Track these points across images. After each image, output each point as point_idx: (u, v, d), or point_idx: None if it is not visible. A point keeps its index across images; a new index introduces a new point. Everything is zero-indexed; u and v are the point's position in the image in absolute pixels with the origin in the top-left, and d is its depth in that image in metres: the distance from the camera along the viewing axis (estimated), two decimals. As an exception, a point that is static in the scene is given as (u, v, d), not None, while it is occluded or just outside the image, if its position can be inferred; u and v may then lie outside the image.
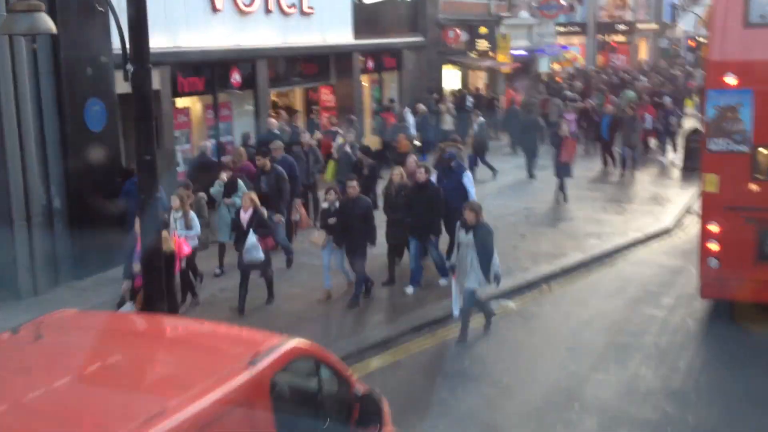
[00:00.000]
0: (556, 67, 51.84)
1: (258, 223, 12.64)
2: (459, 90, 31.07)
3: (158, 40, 15.63)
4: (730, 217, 11.89)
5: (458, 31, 29.38)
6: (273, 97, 23.55)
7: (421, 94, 27.96)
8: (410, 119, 25.12)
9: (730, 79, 11.52)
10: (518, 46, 37.49)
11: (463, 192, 14.18)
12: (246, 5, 18.64)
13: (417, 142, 23.49)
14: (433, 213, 13.63)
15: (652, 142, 27.39)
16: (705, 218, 12.30)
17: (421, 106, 26.31)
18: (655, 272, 15.36)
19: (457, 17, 30.93)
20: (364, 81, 25.80)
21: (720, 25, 11.78)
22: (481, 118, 24.45)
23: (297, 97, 24.39)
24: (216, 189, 14.38)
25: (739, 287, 11.94)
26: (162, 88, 15.84)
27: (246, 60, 18.91)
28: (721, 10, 11.82)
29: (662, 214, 19.50)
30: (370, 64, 25.18)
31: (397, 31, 26.59)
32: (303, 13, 21.03)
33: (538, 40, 40.64)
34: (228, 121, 19.02)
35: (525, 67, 39.69)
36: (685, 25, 63.95)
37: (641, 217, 19.26)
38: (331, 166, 17.79)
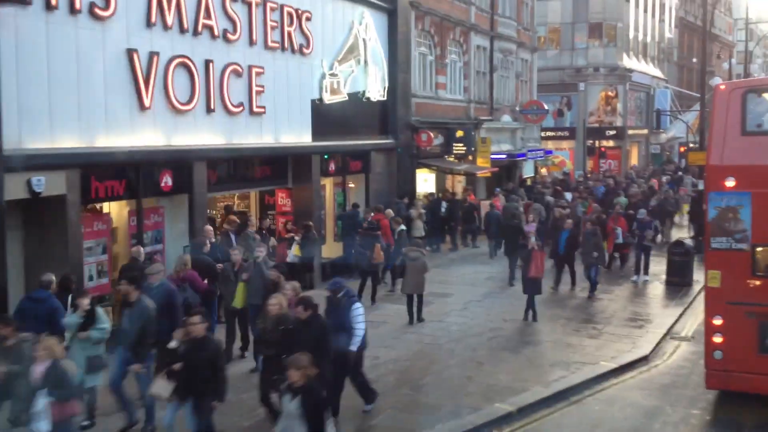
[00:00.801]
0: (544, 171, 50.53)
1: (55, 382, 9.22)
2: (430, 194, 29.17)
3: (66, 141, 13.91)
4: (732, 311, 12.48)
5: (431, 134, 27.70)
6: (226, 202, 21.76)
7: (390, 199, 26.12)
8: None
9: (730, 182, 12.38)
10: (501, 151, 35.89)
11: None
12: (182, 103, 16.87)
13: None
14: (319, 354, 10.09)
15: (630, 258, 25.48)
16: (709, 312, 13.01)
17: (389, 212, 24.43)
18: (627, 414, 13.09)
19: (432, 119, 29.34)
20: (327, 184, 23.97)
21: (719, 132, 12.67)
22: (403, 227, 22.59)
23: (252, 201, 22.51)
24: (71, 320, 11.52)
25: (742, 379, 12.52)
26: (68, 194, 13.87)
27: (179, 161, 17.01)
28: (720, 120, 12.70)
29: (640, 339, 17.32)
30: (333, 166, 23.34)
31: (365, 133, 24.90)
32: (253, 113, 19.30)
33: (522, 144, 39.04)
34: (158, 229, 17.01)
35: (508, 171, 38.06)
36: (676, 131, 62.87)
37: (617, 341, 17.08)
38: (240, 289, 14.85)
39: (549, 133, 56.89)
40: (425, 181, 31.13)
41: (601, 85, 56.73)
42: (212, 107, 17.80)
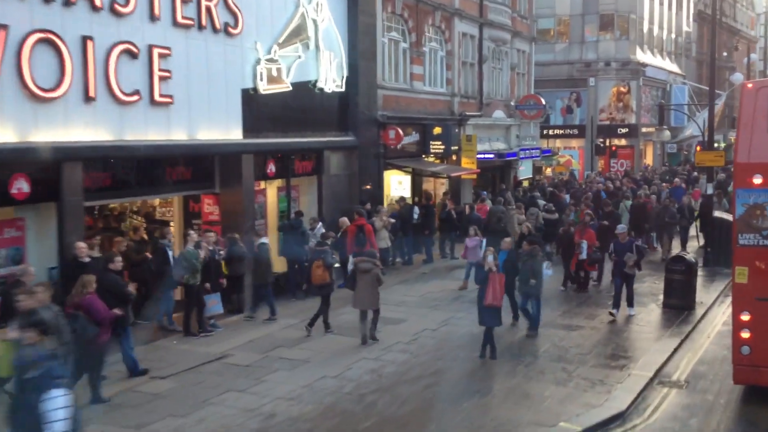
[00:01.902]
0: (548, 172, 46.74)
1: None
2: (401, 199, 25.56)
3: None
4: (760, 307, 12.55)
5: (399, 130, 24.09)
6: (145, 209, 18.36)
7: (350, 205, 22.57)
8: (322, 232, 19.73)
9: (757, 180, 12.41)
10: (491, 150, 32.20)
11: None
12: (44, 90, 13.41)
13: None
14: None
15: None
16: (736, 308, 13.05)
17: (345, 220, 20.89)
18: None
19: (405, 114, 25.72)
20: (270, 188, 20.46)
21: (747, 130, 12.67)
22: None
23: (175, 208, 19.07)
24: None
25: None
26: None
27: (41, 162, 13.54)
28: (747, 118, 12.65)
29: (619, 386, 13.68)
30: (273, 167, 19.78)
31: (317, 129, 21.37)
32: (154, 103, 15.82)
33: (518, 142, 35.30)
34: (17, 246, 13.55)
35: (501, 172, 34.36)
36: (694, 129, 58.79)
37: (588, 389, 13.44)
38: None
39: (557, 131, 53.41)
40: (400, 184, 27.53)
41: (612, 81, 52.98)
42: (92, 95, 14.32)
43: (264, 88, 18.97)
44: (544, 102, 35.69)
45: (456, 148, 29.63)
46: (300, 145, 20.69)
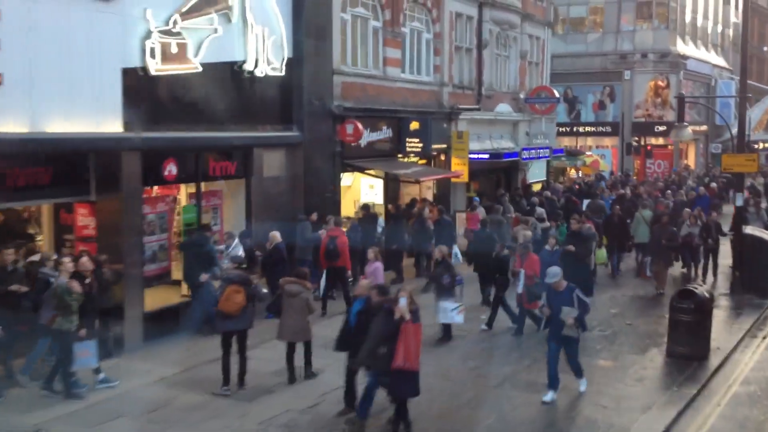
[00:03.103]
0: (573, 174, 42.00)
1: None
2: (363, 207, 21.19)
3: None
4: None
5: (359, 124, 19.75)
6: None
7: (293, 215, 18.39)
8: (240, 252, 15.59)
9: None
10: (495, 148, 27.72)
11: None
12: None
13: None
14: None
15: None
16: None
17: (276, 235, 16.71)
18: None
19: (373, 106, 21.38)
20: (181, 194, 16.36)
21: None
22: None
23: (44, 220, 15.06)
24: None
25: None
26: None
27: None
28: None
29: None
30: (173, 169, 15.58)
31: (245, 121, 17.20)
32: (-31, 82, 11.74)
33: (528, 140, 30.70)
34: None
35: (507, 175, 29.82)
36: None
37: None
38: None
39: (588, 129, 48.71)
40: (371, 188, 23.21)
41: (650, 74, 48.05)
42: None
43: (156, 68, 14.78)
44: (557, 95, 30.96)
45: (445, 146, 25.22)
46: (217, 142, 16.50)
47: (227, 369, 12.39)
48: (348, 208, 21.20)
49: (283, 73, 18.15)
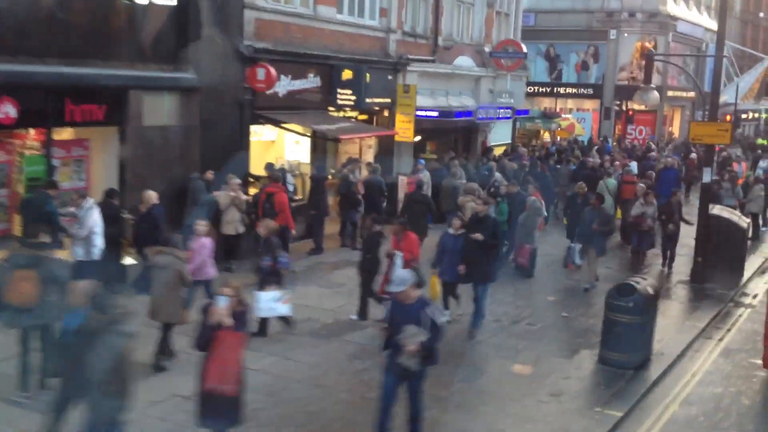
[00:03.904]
0: (546, 137, 39.10)
1: None
2: (268, 167, 18.25)
3: None
4: None
5: (272, 69, 16.78)
6: None
7: (182, 174, 15.55)
8: (90, 224, 12.73)
9: None
10: (455, 106, 24.77)
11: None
12: None
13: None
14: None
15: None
16: None
17: (152, 195, 13.87)
18: None
19: (297, 50, 18.39)
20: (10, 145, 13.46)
21: None
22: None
23: None
24: None
25: None
26: None
27: None
28: None
29: None
30: (12, 110, 12.60)
31: (122, 57, 14.23)
32: None
33: (490, 98, 27.70)
34: None
35: (467, 137, 26.90)
36: (729, 96, 50.38)
37: None
38: None
39: (569, 90, 45.72)
40: (297, 144, 20.31)
41: (637, 35, 44.93)
42: None
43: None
44: (525, 49, 27.88)
45: (389, 101, 22.27)
46: (76, 80, 13.51)
47: (26, 371, 9.62)
48: (259, 167, 18.30)
49: (175, 3, 15.13)
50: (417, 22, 23.79)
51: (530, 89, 45.89)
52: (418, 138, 26.07)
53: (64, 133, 13.91)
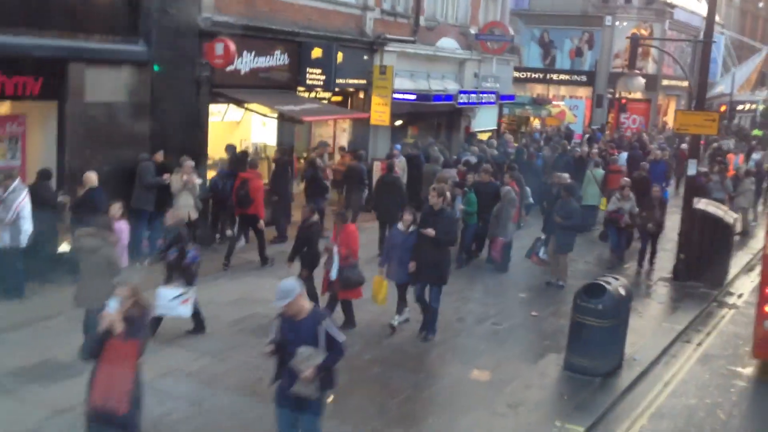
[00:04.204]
0: (536, 123, 37.96)
1: None
2: (229, 148, 17.16)
3: None
4: None
5: (231, 44, 15.63)
6: None
7: (131, 155, 14.44)
8: (16, 207, 11.65)
9: None
10: (434, 90, 23.63)
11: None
12: None
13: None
14: None
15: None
16: (765, 281, 11.71)
17: (92, 177, 12.79)
18: None
19: (261, 24, 17.24)
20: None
21: None
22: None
23: None
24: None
25: None
26: None
27: None
28: None
29: None
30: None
31: (63, 26, 13.10)
32: None
33: (475, 82, 26.57)
34: None
35: (449, 121, 25.78)
36: (726, 86, 49.27)
37: None
38: None
39: (563, 77, 44.62)
40: (264, 126, 19.19)
41: (633, 21, 43.86)
42: None
43: None
44: (512, 32, 26.72)
45: (364, 82, 21.15)
46: (6, 50, 12.35)
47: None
48: (221, 149, 17.20)
49: (124, -29, 14.00)
50: (398, 1, 22.63)
51: (523, 75, 45.00)
52: (399, 122, 25.10)
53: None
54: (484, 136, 27.42)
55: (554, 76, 44.64)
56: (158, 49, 14.73)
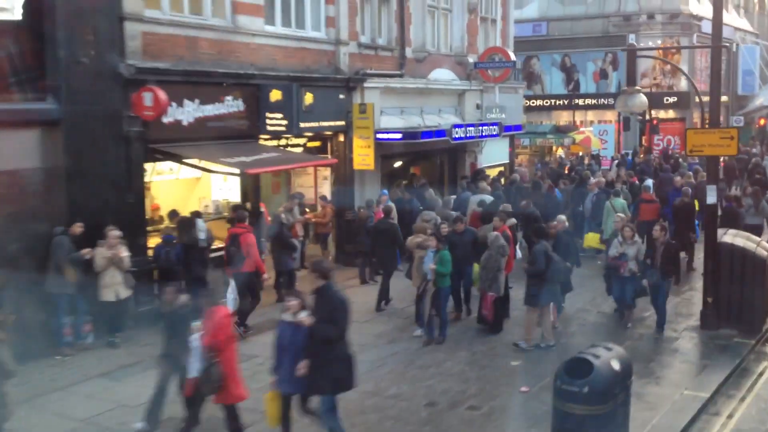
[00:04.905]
0: (560, 153, 35.33)
1: None
2: (175, 215, 14.95)
3: None
4: None
5: (161, 94, 13.45)
6: None
7: (44, 228, 12.28)
8: None
9: None
10: (433, 126, 21.28)
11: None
12: None
13: None
14: None
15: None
16: None
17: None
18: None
19: (208, 68, 15.08)
20: None
21: None
22: None
23: None
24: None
25: None
26: None
27: None
28: None
29: None
30: None
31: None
32: None
33: (478, 115, 24.13)
34: None
35: (452, 158, 23.39)
36: (765, 98, 46.12)
37: None
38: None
39: (589, 101, 41.89)
40: (225, 181, 16.96)
41: (658, 38, 40.88)
42: None
43: None
44: (513, 57, 24.19)
45: (342, 123, 18.86)
46: None
47: None
48: (186, 211, 15.04)
49: (21, 17, 11.94)
50: (378, 33, 20.40)
51: (547, 103, 42.55)
52: (398, 163, 22.82)
53: None
54: (494, 172, 24.86)
55: (579, 101, 41.99)
56: (71, 105, 12.62)
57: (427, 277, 12.92)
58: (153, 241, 14.39)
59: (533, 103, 41.85)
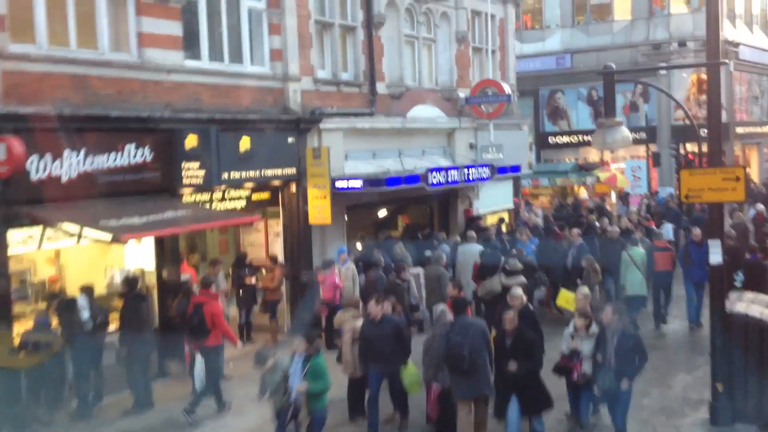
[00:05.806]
0: (583, 194, 31.96)
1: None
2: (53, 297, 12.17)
3: None
4: None
5: (17, 144, 10.73)
6: None
7: None
8: None
9: None
10: (410, 170, 18.31)
11: None
12: None
13: None
14: None
15: None
16: None
17: None
18: None
19: (95, 111, 12.36)
20: None
21: None
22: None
23: None
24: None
25: None
26: None
27: None
28: None
29: None
30: None
31: None
32: None
33: (472, 155, 21.05)
34: None
35: (443, 206, 20.33)
36: (813, 127, 42.11)
37: None
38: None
39: (621, 137, 38.16)
40: (138, 243, 14.07)
41: (691, 67, 37.54)
42: None
43: None
44: (507, 90, 21.03)
45: (293, 172, 15.97)
46: None
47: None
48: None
49: None
50: (343, 66, 17.57)
51: (574, 139, 39.28)
52: (383, 213, 19.88)
53: None
54: (493, 219, 21.68)
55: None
56: None
57: (290, 399, 9.64)
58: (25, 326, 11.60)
59: (559, 139, 38.81)
